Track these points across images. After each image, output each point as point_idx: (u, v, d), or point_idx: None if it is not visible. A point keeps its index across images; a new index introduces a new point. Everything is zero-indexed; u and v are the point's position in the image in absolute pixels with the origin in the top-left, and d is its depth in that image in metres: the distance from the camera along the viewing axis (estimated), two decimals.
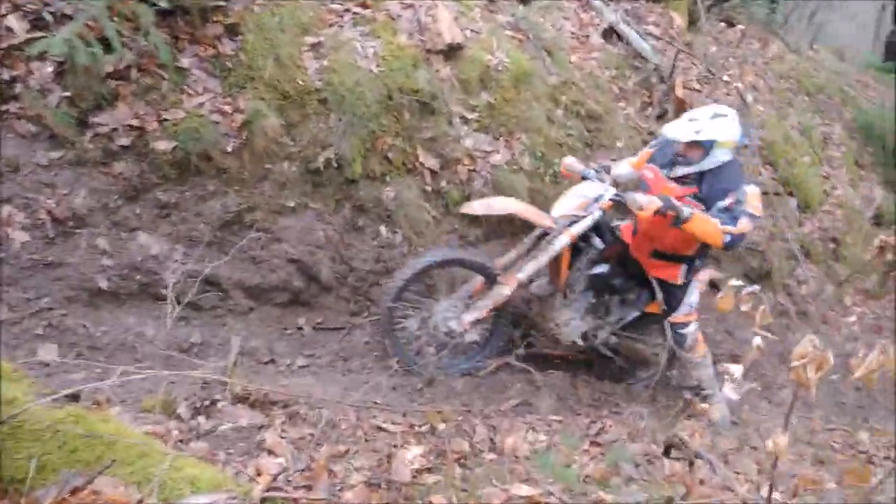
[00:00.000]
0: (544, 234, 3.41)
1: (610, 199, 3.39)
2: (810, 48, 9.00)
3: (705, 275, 3.94)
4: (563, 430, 2.93)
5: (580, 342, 3.71)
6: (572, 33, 5.42)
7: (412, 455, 2.21)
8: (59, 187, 3.19)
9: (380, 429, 2.53)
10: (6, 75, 3.21)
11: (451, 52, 4.31)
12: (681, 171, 3.42)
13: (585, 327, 3.70)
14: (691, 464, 2.47)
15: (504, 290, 3.38)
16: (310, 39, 3.90)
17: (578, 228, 3.35)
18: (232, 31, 3.68)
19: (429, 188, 4.05)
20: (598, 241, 3.52)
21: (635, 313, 3.83)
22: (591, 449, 2.71)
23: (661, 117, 5.15)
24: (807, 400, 4.41)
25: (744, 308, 1.59)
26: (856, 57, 11.95)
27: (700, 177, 3.38)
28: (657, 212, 3.12)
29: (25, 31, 3.31)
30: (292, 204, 3.67)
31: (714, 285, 4.13)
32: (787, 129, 6.17)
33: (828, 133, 6.71)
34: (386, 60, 4.02)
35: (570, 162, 3.69)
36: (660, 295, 3.67)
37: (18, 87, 3.22)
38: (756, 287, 1.65)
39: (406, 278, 3.38)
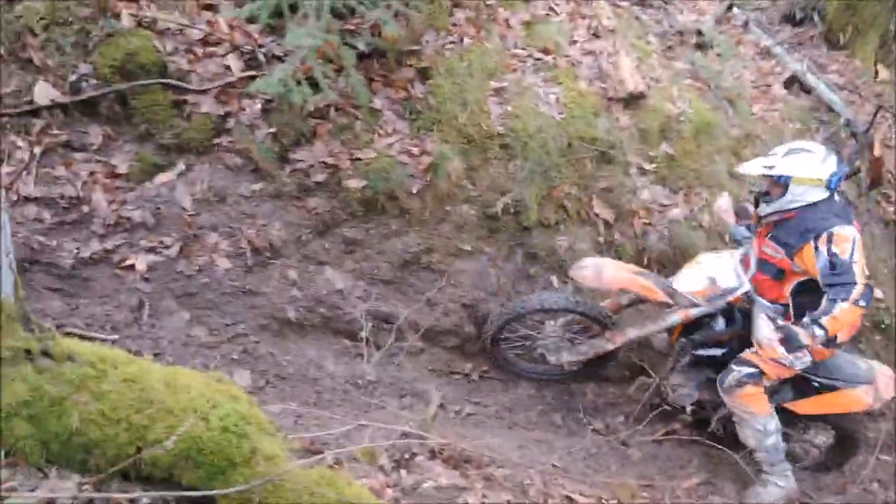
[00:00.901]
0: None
1: (742, 296, 3.08)
2: None
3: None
4: None
5: (688, 410, 3.43)
6: (752, 82, 5.16)
7: None
8: (259, 218, 3.35)
9: (570, 499, 2.40)
10: (222, 111, 3.44)
11: (633, 100, 4.19)
12: (766, 209, 3.11)
13: (697, 397, 3.39)
14: None
15: (607, 346, 3.30)
16: (494, 84, 3.92)
17: (695, 312, 3.12)
18: (423, 74, 3.76)
19: (601, 239, 3.92)
20: (720, 323, 3.18)
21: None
22: None
23: (852, 175, 4.75)
24: None
25: None
26: None
27: (783, 217, 3.05)
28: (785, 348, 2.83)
29: (241, 70, 3.54)
30: (468, 247, 3.66)
31: None
32: None
33: None
34: (567, 108, 3.96)
35: (722, 208, 3.42)
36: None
37: (230, 122, 3.44)
38: None
39: (516, 315, 3.36)
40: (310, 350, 3.25)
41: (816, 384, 3.19)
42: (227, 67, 3.54)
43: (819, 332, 2.75)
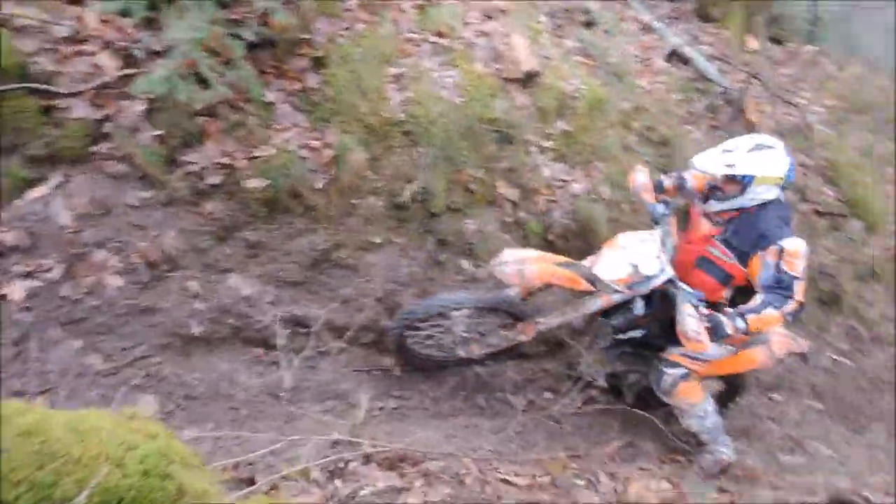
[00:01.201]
0: None
1: (664, 283, 2.99)
2: (848, 61, 8.92)
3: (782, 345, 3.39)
4: (679, 473, 2.81)
5: (604, 383, 3.52)
6: (636, 56, 5.35)
7: None
8: (151, 229, 3.12)
9: (507, 482, 2.43)
10: (98, 115, 3.15)
11: (528, 80, 4.24)
12: (716, 206, 3.02)
13: (611, 370, 3.47)
14: None
15: (519, 338, 3.26)
16: (391, 70, 3.83)
17: (617, 298, 3.06)
18: (317, 64, 3.62)
19: (509, 219, 3.96)
20: (639, 306, 3.12)
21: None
22: (721, 496, 2.60)
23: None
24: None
25: None
26: (886, 68, 11.82)
27: (734, 217, 2.98)
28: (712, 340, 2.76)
29: (116, 68, 3.25)
30: (378, 240, 3.58)
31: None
32: (848, 148, 6.07)
33: (886, 152, 6.60)
34: (466, 90, 3.95)
35: (639, 186, 3.24)
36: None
37: (109, 127, 3.16)
38: None
39: (426, 313, 3.19)
40: (220, 364, 3.08)
41: None
42: (101, 67, 3.24)
43: (741, 325, 2.74)
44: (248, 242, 3.29)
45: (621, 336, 3.27)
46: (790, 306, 2.73)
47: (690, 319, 2.71)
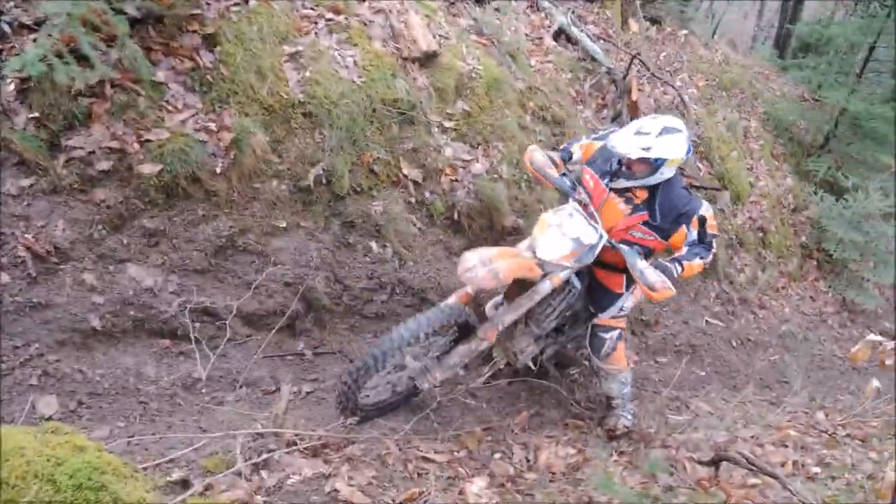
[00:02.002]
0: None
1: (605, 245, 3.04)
2: (712, 39, 9.65)
3: None
4: (582, 439, 3.04)
5: (532, 366, 3.56)
6: (527, 35, 5.51)
7: (478, 488, 2.23)
8: (36, 219, 2.90)
9: (426, 459, 2.53)
10: None
11: (427, 59, 4.27)
12: (623, 183, 3.13)
13: (537, 350, 3.50)
14: (716, 468, 2.66)
15: (481, 346, 3.10)
16: (288, 49, 3.73)
17: (565, 275, 3.07)
18: (209, 41, 3.45)
19: (413, 200, 4.01)
20: (576, 281, 3.20)
21: (583, 328, 3.60)
22: (619, 458, 2.84)
23: (616, 119, 5.36)
24: (760, 383, 4.81)
25: (888, 363, 1.64)
26: (749, 49, 12.89)
27: (649, 198, 3.09)
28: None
29: None
30: (284, 224, 3.52)
31: None
32: (716, 124, 6.60)
33: (747, 127, 7.24)
34: (366, 70, 3.92)
35: (541, 164, 3.19)
36: (594, 296, 3.41)
37: None
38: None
39: (374, 366, 2.84)
40: (124, 358, 2.94)
41: None
42: None
43: (679, 270, 3.01)
44: (147, 231, 3.13)
45: (566, 314, 3.33)
46: (710, 257, 3.13)
47: (650, 271, 2.85)
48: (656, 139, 2.98)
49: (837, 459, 3.13)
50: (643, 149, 2.96)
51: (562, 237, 3.02)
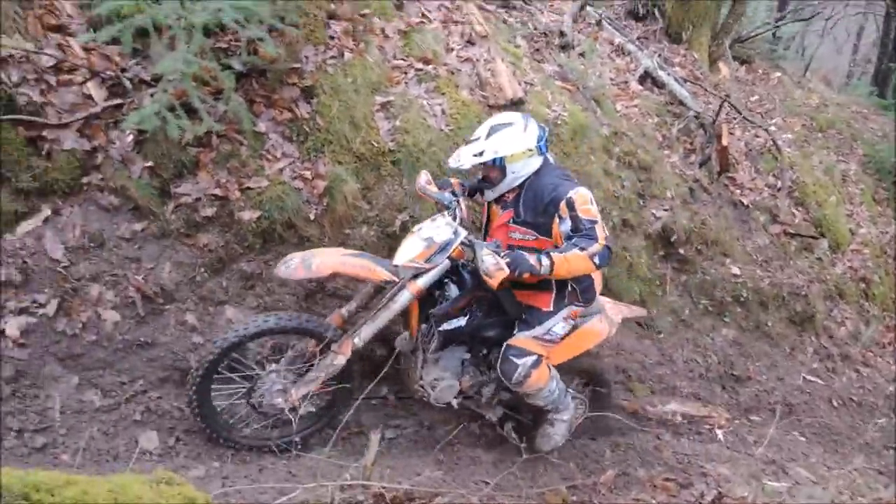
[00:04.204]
0: (382, 287, 2.96)
1: (461, 245, 2.84)
2: (804, 77, 9.28)
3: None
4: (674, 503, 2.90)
5: (455, 404, 3.20)
6: (612, 80, 5.49)
7: None
8: (145, 262, 3.09)
9: None
10: (88, 146, 3.11)
11: (512, 106, 4.31)
12: (492, 194, 2.96)
13: (459, 387, 3.17)
14: None
15: (338, 360, 2.87)
16: (380, 99, 3.87)
17: (424, 282, 2.82)
18: (307, 93, 3.63)
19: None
20: (453, 289, 2.97)
21: None
22: None
23: (704, 164, 5.23)
24: (866, 449, 4.46)
25: None
26: (844, 86, 12.32)
27: (517, 195, 2.89)
28: (512, 275, 2.59)
29: (104, 98, 3.22)
30: None
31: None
32: (812, 168, 6.32)
33: (845, 170, 6.89)
34: (453, 118, 4.01)
35: (423, 184, 3.06)
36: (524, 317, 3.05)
37: (99, 158, 3.13)
38: None
39: (216, 354, 2.74)
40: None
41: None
42: (89, 97, 3.20)
43: (546, 261, 2.62)
44: (244, 274, 3.28)
45: (446, 328, 2.98)
46: (594, 247, 2.65)
47: (488, 257, 2.58)
48: (486, 141, 2.83)
49: None
50: (475, 155, 2.82)
51: (416, 240, 2.87)
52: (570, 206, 2.69)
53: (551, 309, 3.00)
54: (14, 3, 3.23)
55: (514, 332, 3.05)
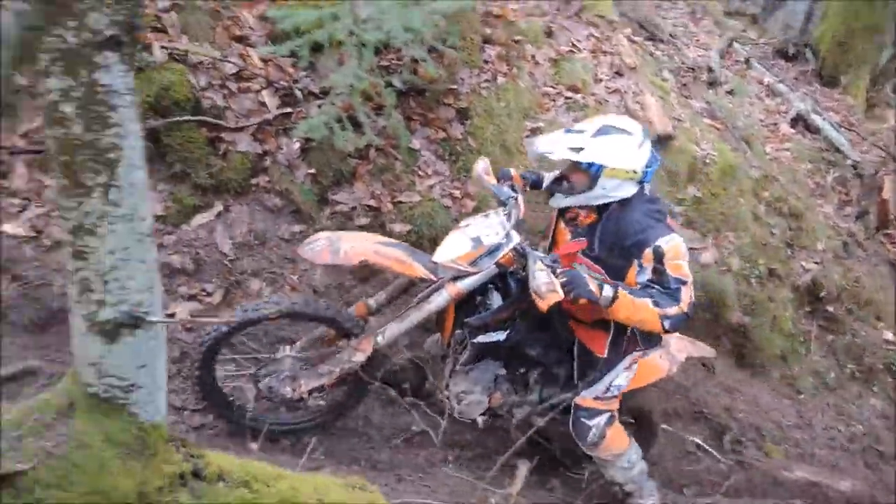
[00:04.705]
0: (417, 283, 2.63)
1: (512, 252, 2.47)
2: None
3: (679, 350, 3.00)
4: None
5: (480, 422, 2.87)
6: (761, 120, 5.27)
7: None
8: (300, 263, 3.23)
9: None
10: (259, 149, 3.30)
11: (661, 141, 4.21)
12: (563, 200, 2.50)
13: (489, 404, 2.84)
14: None
15: (356, 357, 2.57)
16: (530, 125, 3.89)
17: (464, 286, 2.49)
18: (462, 114, 3.70)
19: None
20: (495, 298, 2.63)
21: (569, 395, 2.79)
22: None
23: (861, 218, 4.88)
24: None
25: None
26: None
27: (594, 222, 2.44)
28: (567, 297, 2.20)
29: (276, 106, 3.42)
30: None
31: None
32: None
33: None
34: None
35: (480, 172, 2.70)
36: (576, 362, 2.73)
37: (268, 161, 3.31)
38: None
39: (228, 328, 2.52)
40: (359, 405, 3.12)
41: None
42: (263, 104, 3.41)
43: (608, 293, 2.22)
44: (387, 284, 3.35)
45: (482, 340, 2.64)
46: (673, 310, 2.21)
47: (541, 274, 2.19)
48: (591, 139, 2.33)
49: None
50: (571, 148, 2.33)
51: (462, 238, 2.52)
52: (658, 257, 2.24)
53: (605, 355, 2.62)
54: (206, 15, 3.51)
55: (575, 379, 2.72)
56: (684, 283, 2.24)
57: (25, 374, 2.51)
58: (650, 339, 2.63)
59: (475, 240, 2.48)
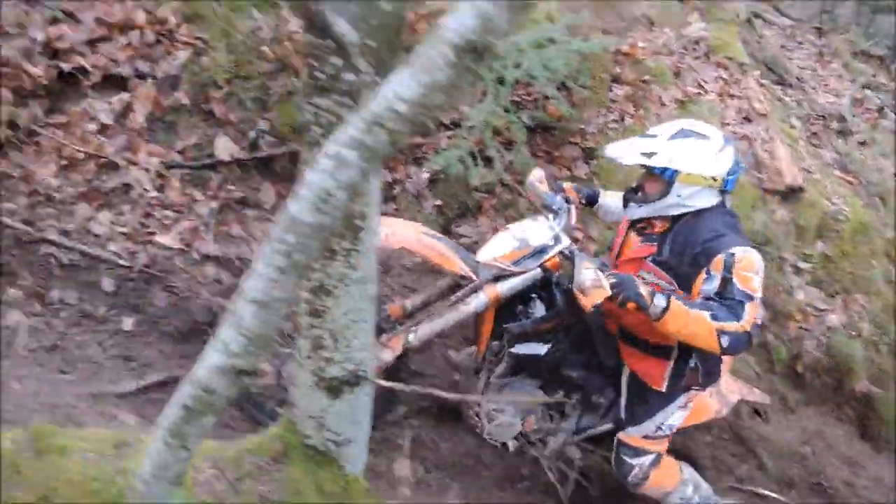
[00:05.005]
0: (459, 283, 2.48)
1: (559, 255, 2.36)
2: None
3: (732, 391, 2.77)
4: None
5: (511, 446, 2.69)
6: (894, 175, 4.96)
7: None
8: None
9: None
10: (389, 177, 3.39)
11: (790, 193, 4.05)
12: (636, 212, 2.35)
13: (522, 428, 2.66)
14: None
15: (384, 355, 2.39)
16: None
17: (505, 288, 2.36)
18: (587, 154, 3.68)
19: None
20: (538, 307, 2.49)
21: (608, 426, 2.65)
22: None
23: None
24: None
25: None
26: None
27: (667, 230, 2.28)
28: (614, 300, 2.04)
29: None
30: None
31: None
32: None
33: None
34: None
35: (534, 181, 2.60)
36: (625, 394, 2.53)
37: (397, 190, 3.39)
38: None
39: None
40: (469, 437, 3.12)
41: None
42: None
43: (660, 302, 2.03)
44: None
45: (521, 351, 2.50)
46: (732, 325, 2.00)
47: (587, 271, 2.04)
48: (666, 143, 2.18)
49: None
50: (643, 153, 2.19)
51: (507, 237, 2.42)
52: (728, 265, 2.04)
53: (663, 390, 2.39)
54: None
55: (623, 424, 2.54)
56: (752, 298, 2.04)
57: (167, 382, 2.66)
58: (710, 375, 2.44)
59: (521, 240, 2.39)
